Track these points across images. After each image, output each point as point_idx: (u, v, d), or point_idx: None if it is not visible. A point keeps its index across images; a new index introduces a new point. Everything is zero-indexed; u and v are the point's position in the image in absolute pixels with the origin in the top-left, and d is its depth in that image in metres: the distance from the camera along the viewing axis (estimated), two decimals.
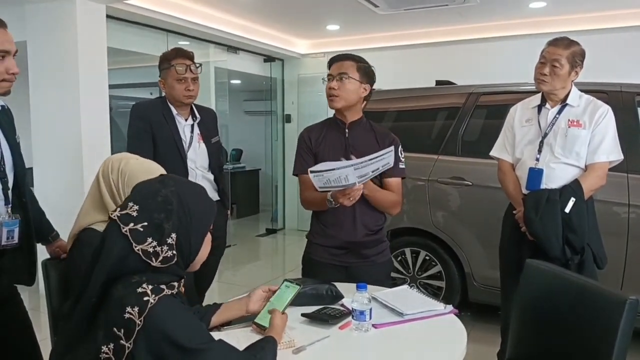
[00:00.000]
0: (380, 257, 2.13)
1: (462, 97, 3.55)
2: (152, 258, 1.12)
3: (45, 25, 3.90)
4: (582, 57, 2.27)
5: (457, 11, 4.90)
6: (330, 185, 1.82)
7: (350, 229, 2.06)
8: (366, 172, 1.83)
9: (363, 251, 2.09)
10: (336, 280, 1.94)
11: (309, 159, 2.11)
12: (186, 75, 2.45)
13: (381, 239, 2.16)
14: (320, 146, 2.12)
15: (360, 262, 2.08)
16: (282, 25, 5.81)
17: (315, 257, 2.13)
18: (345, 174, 1.77)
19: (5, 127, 1.68)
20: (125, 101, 7.12)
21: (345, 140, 2.10)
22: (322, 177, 1.79)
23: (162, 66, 2.52)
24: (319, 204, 2.06)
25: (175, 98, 2.49)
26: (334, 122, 2.16)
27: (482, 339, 2.91)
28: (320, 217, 2.12)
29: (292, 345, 1.40)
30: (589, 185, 2.22)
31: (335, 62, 2.10)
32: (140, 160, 1.67)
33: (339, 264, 2.09)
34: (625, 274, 2.88)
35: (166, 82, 2.49)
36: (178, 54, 2.50)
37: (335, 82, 2.06)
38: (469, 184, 3.32)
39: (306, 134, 2.17)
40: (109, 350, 1.04)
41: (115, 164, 1.61)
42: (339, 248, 2.08)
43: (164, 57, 2.51)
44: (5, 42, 1.53)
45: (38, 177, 4.02)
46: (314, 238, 2.15)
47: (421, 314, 1.63)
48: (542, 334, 1.68)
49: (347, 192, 1.84)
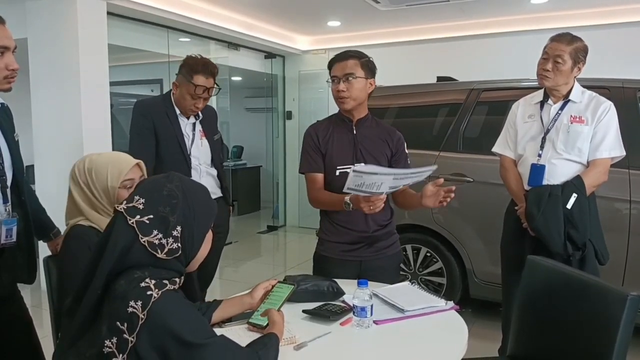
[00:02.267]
0: (391, 250, 2.13)
1: (464, 94, 3.54)
2: (158, 250, 1.13)
3: (46, 23, 3.90)
4: (585, 53, 2.26)
5: (459, 7, 4.89)
6: (361, 189, 1.72)
7: (363, 224, 2.04)
8: (400, 184, 1.79)
9: (376, 244, 2.08)
10: (350, 275, 1.97)
11: (316, 157, 2.07)
12: (202, 95, 2.42)
13: (392, 231, 2.16)
14: (328, 144, 2.08)
15: (373, 255, 2.07)
16: (283, 22, 5.80)
17: (328, 254, 2.10)
18: (382, 181, 1.69)
19: (4, 125, 1.68)
20: (126, 98, 7.12)
21: (354, 137, 2.08)
22: (360, 179, 1.68)
23: (183, 71, 2.41)
24: (330, 204, 2.03)
25: (181, 107, 2.47)
26: (340, 120, 2.13)
27: (483, 335, 2.92)
28: (331, 215, 2.09)
29: (293, 342, 1.40)
30: (591, 182, 2.22)
31: (338, 63, 2.04)
32: (103, 154, 1.68)
33: (352, 259, 2.07)
34: (626, 270, 2.88)
35: (180, 88, 2.43)
36: (204, 70, 2.39)
37: (343, 83, 2.01)
38: (470, 180, 3.31)
39: (313, 131, 2.12)
40: (112, 345, 1.05)
41: (80, 165, 1.64)
42: (352, 243, 2.06)
43: (189, 67, 2.39)
44: (4, 38, 1.53)
45: (39, 175, 4.03)
46: (325, 235, 2.12)
47: (422, 310, 1.63)
48: (543, 330, 1.68)
49: (373, 199, 1.77)
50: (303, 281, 1.71)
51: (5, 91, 1.59)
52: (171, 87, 2.51)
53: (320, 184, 2.07)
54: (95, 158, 1.65)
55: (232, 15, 5.36)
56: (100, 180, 1.59)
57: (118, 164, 1.62)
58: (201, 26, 5.06)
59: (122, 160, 1.64)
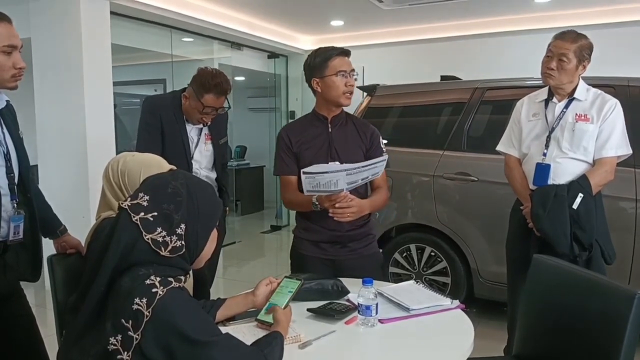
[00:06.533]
0: (366, 250, 2.10)
1: (468, 92, 3.53)
2: (161, 247, 1.13)
3: (49, 22, 3.91)
4: (590, 50, 2.24)
5: (462, 6, 4.88)
6: (319, 189, 1.79)
7: (335, 224, 1.99)
8: (356, 179, 1.80)
9: (349, 244, 2.06)
10: (325, 274, 1.95)
11: (289, 160, 2.07)
12: (211, 113, 2.40)
13: (367, 232, 2.12)
14: (303, 145, 2.06)
15: (347, 255, 2.06)
16: (286, 21, 5.80)
17: (302, 251, 2.11)
18: (336, 178, 1.74)
19: (9, 123, 1.69)
20: (130, 98, 7.13)
21: (329, 136, 2.06)
22: (313, 180, 1.76)
23: (194, 86, 2.35)
24: (301, 205, 2.06)
25: (188, 117, 2.45)
26: (315, 119, 2.10)
27: (489, 334, 2.90)
28: (305, 214, 2.10)
29: (298, 340, 1.39)
30: (597, 181, 2.19)
31: (344, 57, 2.04)
32: (137, 156, 1.72)
33: (326, 257, 2.07)
34: (632, 269, 2.86)
35: (189, 100, 2.39)
36: (215, 90, 2.33)
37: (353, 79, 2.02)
38: (475, 179, 3.30)
39: (284, 133, 2.10)
40: (117, 342, 1.04)
41: (115, 165, 1.68)
42: (325, 242, 2.06)
43: (201, 85, 2.33)
44: (12, 37, 1.54)
45: (43, 174, 4.04)
46: (300, 233, 2.14)
47: (428, 309, 1.62)
48: (549, 330, 1.67)
49: (333, 197, 1.83)
50: (307, 280, 1.70)
51: (12, 89, 1.61)
52: (174, 87, 2.50)
53: (293, 185, 2.07)
54: (129, 160, 1.68)
55: (236, 15, 5.36)
56: (133, 184, 1.62)
57: (150, 167, 1.63)
58: (204, 26, 5.07)
59: (155, 165, 1.67)
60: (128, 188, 1.63)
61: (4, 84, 1.58)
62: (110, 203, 1.66)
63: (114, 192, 1.66)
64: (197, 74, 2.39)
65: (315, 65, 2.04)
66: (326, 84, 2.01)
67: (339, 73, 2.00)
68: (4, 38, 1.52)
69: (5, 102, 1.68)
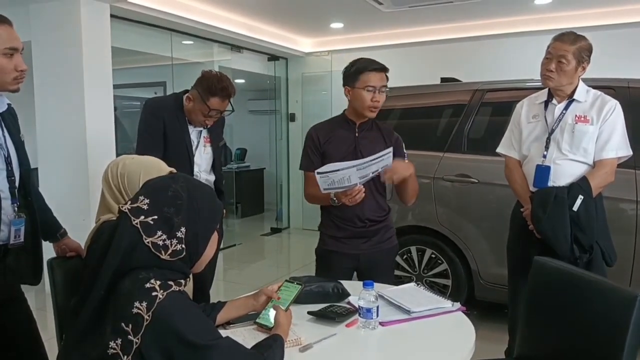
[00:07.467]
0: (387, 244, 2.26)
1: (468, 94, 3.53)
2: (162, 251, 1.12)
3: (49, 25, 3.91)
4: (589, 52, 2.23)
5: (462, 8, 4.88)
6: (334, 187, 1.94)
7: (357, 220, 2.17)
8: (367, 172, 1.93)
9: (373, 238, 2.21)
10: (350, 268, 2.20)
11: (315, 158, 2.20)
12: (215, 116, 2.41)
13: (389, 225, 2.28)
14: (329, 145, 2.19)
15: (371, 249, 2.20)
16: (286, 24, 5.80)
17: (328, 247, 2.23)
18: (349, 174, 1.89)
19: (10, 126, 1.69)
20: (130, 101, 7.14)
21: (356, 139, 2.19)
22: (328, 179, 1.90)
23: (199, 89, 2.34)
24: (321, 200, 2.17)
25: (191, 119, 2.45)
26: (343, 122, 2.24)
27: (489, 337, 2.89)
28: (329, 211, 2.22)
29: (298, 343, 1.39)
30: (597, 183, 2.19)
31: (377, 73, 2.12)
32: (136, 159, 1.71)
33: (352, 252, 2.19)
34: (633, 270, 2.86)
35: (193, 103, 2.38)
36: (221, 94, 2.34)
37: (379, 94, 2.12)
38: (475, 181, 3.30)
39: (314, 132, 2.24)
40: (116, 346, 1.04)
41: (114, 168, 1.67)
42: (349, 238, 2.19)
43: (206, 88, 2.32)
44: (13, 39, 1.54)
45: (43, 177, 4.03)
46: (326, 230, 2.26)
47: (429, 312, 1.62)
48: (550, 332, 1.66)
49: (349, 192, 1.97)
50: (308, 282, 1.70)
51: (13, 92, 1.61)
52: (174, 90, 2.49)
53: (315, 181, 2.11)
54: (128, 163, 1.68)
55: (235, 18, 5.36)
56: (132, 187, 1.61)
57: (150, 170, 1.63)
58: (204, 29, 5.07)
59: (154, 167, 1.66)
60: (127, 191, 1.62)
61: (5, 87, 1.58)
62: (109, 206, 1.66)
63: (114, 195, 1.66)
64: (202, 76, 2.39)
65: (349, 75, 2.16)
66: (355, 95, 2.15)
67: (367, 88, 2.11)
68: (5, 40, 1.52)
69: (6, 105, 1.68)
